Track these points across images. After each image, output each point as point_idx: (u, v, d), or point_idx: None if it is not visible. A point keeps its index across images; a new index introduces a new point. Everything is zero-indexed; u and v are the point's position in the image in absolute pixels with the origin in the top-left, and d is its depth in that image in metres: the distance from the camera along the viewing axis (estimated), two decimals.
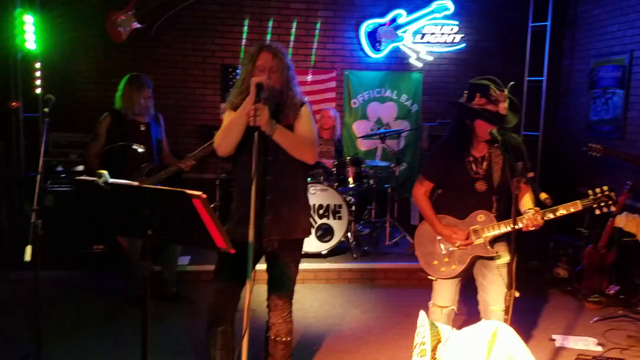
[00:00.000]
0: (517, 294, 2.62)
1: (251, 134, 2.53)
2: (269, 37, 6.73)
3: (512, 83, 2.85)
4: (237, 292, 2.81)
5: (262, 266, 2.84)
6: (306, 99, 2.88)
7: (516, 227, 2.77)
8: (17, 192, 5.41)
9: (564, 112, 7.08)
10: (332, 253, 5.47)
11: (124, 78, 4.34)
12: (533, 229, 2.88)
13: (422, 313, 2.43)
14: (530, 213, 2.88)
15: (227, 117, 2.76)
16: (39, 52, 5.69)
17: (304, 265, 5.12)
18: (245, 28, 6.69)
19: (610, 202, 2.85)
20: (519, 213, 2.89)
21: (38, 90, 5.68)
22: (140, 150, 4.19)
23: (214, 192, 5.96)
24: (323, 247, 5.39)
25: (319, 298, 4.89)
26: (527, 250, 5.21)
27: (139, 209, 2.09)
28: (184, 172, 4.44)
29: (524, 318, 4.34)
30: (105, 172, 2.05)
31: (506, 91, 2.83)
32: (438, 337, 2.28)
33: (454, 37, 6.96)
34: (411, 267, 5.20)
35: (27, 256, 2.45)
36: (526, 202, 2.98)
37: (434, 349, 2.26)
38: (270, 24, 6.73)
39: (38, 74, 5.70)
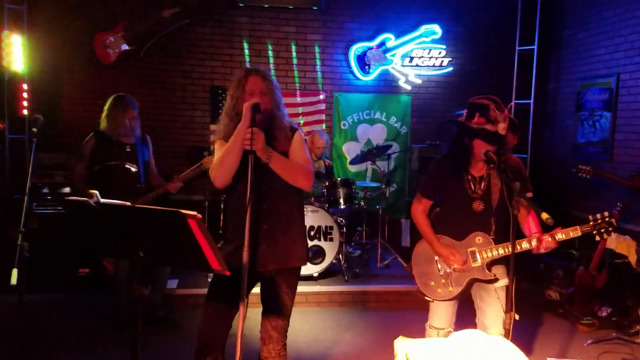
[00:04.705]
0: (517, 317, 2.59)
1: (245, 162, 2.48)
2: (262, 59, 6.75)
3: (511, 104, 2.85)
4: (229, 319, 2.70)
5: (256, 289, 2.77)
6: (297, 124, 2.86)
7: (526, 247, 2.78)
8: (2, 214, 5.29)
9: (551, 135, 7.15)
10: (324, 275, 5.41)
11: (109, 99, 4.29)
12: (544, 251, 2.86)
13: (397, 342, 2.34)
14: (536, 236, 2.86)
15: (219, 147, 2.69)
16: (26, 73, 5.64)
17: None
18: (235, 51, 6.71)
19: (610, 229, 2.82)
20: (521, 235, 2.86)
21: (25, 112, 5.61)
22: (133, 169, 4.13)
23: (202, 213, 5.86)
24: (314, 270, 5.32)
25: (309, 322, 4.81)
26: (517, 272, 5.19)
27: (131, 229, 2.04)
28: (172, 193, 4.38)
29: (518, 340, 4.25)
30: (96, 192, 2.00)
31: (506, 111, 2.82)
32: None
33: (442, 61, 7.04)
34: (403, 290, 5.16)
35: (13, 279, 2.36)
36: (532, 225, 2.95)
37: None
38: (261, 46, 6.76)
39: (25, 95, 5.63)
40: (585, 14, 6.42)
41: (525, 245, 2.84)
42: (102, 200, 2.02)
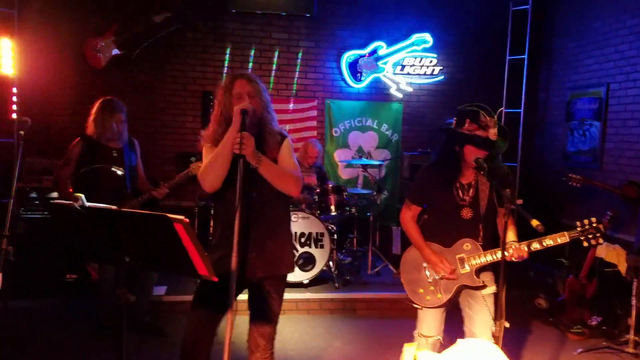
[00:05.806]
0: (507, 325, 2.57)
1: (234, 168, 2.46)
2: (250, 65, 6.75)
3: (500, 109, 2.85)
4: (214, 326, 2.65)
5: (243, 296, 2.74)
6: (286, 131, 2.84)
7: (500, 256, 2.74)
8: None
9: (541, 143, 7.18)
10: (314, 282, 5.38)
11: (96, 102, 4.24)
12: (516, 260, 2.84)
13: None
14: (514, 244, 2.84)
15: (206, 152, 2.67)
16: (16, 77, 5.59)
17: (284, 295, 5.02)
18: (227, 56, 6.70)
19: (598, 235, 2.81)
20: (498, 243, 2.84)
21: (13, 115, 5.55)
22: (119, 172, 4.08)
23: (192, 220, 5.84)
24: (304, 277, 5.29)
25: (299, 329, 4.77)
26: (506, 280, 5.19)
27: (117, 234, 2.00)
28: (159, 200, 4.33)
29: (508, 349, 4.24)
30: (81, 196, 1.97)
31: (495, 117, 2.83)
32: None
33: (433, 69, 7.07)
34: (393, 297, 5.14)
35: None
36: (509, 235, 2.92)
37: None
38: (252, 52, 6.76)
39: (14, 98, 5.58)
40: (575, 24, 6.48)
41: (499, 254, 2.82)
42: (88, 204, 1.99)
